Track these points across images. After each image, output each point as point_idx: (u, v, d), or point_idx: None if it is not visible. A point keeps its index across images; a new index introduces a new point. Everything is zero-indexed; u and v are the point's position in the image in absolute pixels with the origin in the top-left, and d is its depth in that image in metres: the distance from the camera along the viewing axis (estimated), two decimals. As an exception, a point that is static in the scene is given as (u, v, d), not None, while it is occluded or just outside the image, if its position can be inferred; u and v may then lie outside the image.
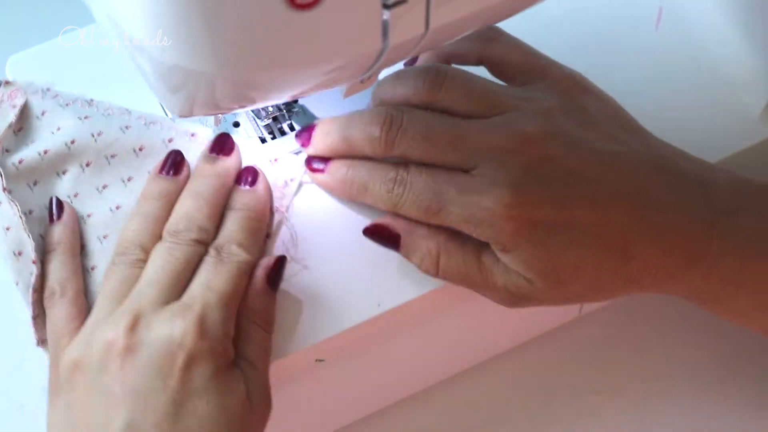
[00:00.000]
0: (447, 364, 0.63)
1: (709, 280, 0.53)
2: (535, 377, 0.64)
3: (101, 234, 0.56)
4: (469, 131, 0.52)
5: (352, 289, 0.55)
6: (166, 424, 0.47)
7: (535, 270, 0.51)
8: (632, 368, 0.64)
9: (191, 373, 0.48)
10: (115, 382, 0.48)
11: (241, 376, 0.50)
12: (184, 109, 0.46)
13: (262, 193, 0.56)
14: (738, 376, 0.63)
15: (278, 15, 0.39)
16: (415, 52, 0.45)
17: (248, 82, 0.43)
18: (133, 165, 0.58)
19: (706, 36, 0.63)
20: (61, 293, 0.53)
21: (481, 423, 0.63)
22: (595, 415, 0.62)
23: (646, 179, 0.52)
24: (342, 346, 0.55)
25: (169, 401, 0.48)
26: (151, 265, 0.52)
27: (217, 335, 0.50)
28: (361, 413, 0.62)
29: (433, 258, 0.53)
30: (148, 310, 0.50)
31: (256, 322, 0.52)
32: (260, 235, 0.55)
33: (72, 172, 0.57)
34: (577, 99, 0.54)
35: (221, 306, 0.50)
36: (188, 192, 0.55)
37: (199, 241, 0.53)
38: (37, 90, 0.60)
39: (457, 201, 0.51)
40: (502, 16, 0.48)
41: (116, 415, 0.48)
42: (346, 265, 0.55)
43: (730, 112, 0.61)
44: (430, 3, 0.42)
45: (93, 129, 0.58)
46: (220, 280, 0.51)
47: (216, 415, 0.48)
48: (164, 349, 0.49)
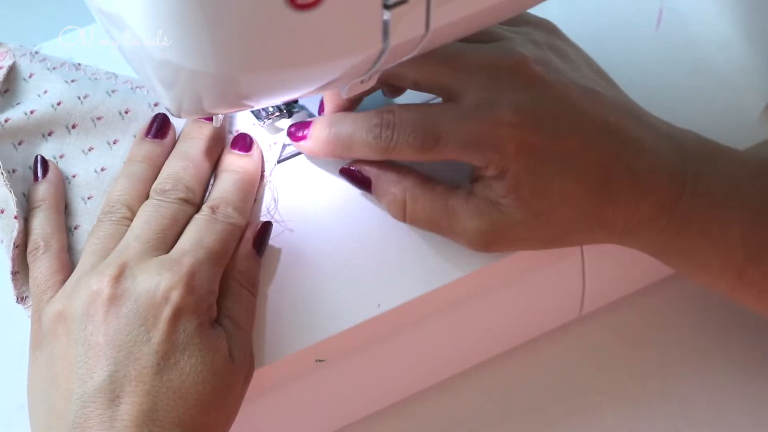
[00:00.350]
0: (447, 364, 0.63)
1: (679, 229, 0.53)
2: (535, 377, 0.64)
3: (85, 195, 0.57)
4: (466, 51, 0.52)
5: (352, 290, 0.55)
6: (148, 376, 0.48)
7: (520, 196, 0.51)
8: (632, 368, 0.64)
9: (176, 327, 0.48)
10: (98, 332, 0.48)
11: (223, 334, 0.50)
12: (184, 109, 0.46)
13: (256, 160, 0.56)
14: (738, 376, 0.63)
15: (279, 15, 0.39)
16: (415, 53, 0.45)
17: (249, 82, 0.43)
18: (119, 128, 0.58)
19: (706, 37, 0.63)
20: (44, 248, 0.54)
21: (481, 423, 0.63)
22: (595, 415, 0.62)
23: (625, 120, 0.53)
24: (342, 347, 0.55)
25: (152, 353, 0.48)
26: (138, 221, 0.53)
27: (204, 292, 0.50)
28: (361, 413, 0.62)
29: (399, 203, 0.54)
30: (134, 261, 0.50)
31: (243, 284, 0.53)
32: (251, 199, 0.56)
33: (58, 134, 0.58)
34: (557, 41, 0.55)
35: (211, 263, 0.51)
36: (176, 153, 0.56)
37: (186, 200, 0.54)
38: (26, 53, 0.60)
39: (453, 129, 0.51)
40: (503, 17, 0.48)
41: (98, 366, 0.48)
42: (346, 266, 0.55)
43: (730, 112, 0.61)
44: (431, 3, 0.42)
45: (80, 92, 0.58)
46: (212, 238, 0.52)
47: (198, 370, 0.48)
48: (150, 301, 0.49)
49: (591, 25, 0.64)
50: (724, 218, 0.53)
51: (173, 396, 0.48)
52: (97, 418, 0.47)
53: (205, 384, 0.48)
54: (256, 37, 0.40)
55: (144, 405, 0.47)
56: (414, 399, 0.63)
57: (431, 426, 0.63)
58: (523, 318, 0.63)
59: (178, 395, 0.48)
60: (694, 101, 0.62)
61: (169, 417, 0.47)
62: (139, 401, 0.47)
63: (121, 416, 0.47)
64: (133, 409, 0.47)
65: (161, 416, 0.47)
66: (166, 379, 0.48)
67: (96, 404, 0.47)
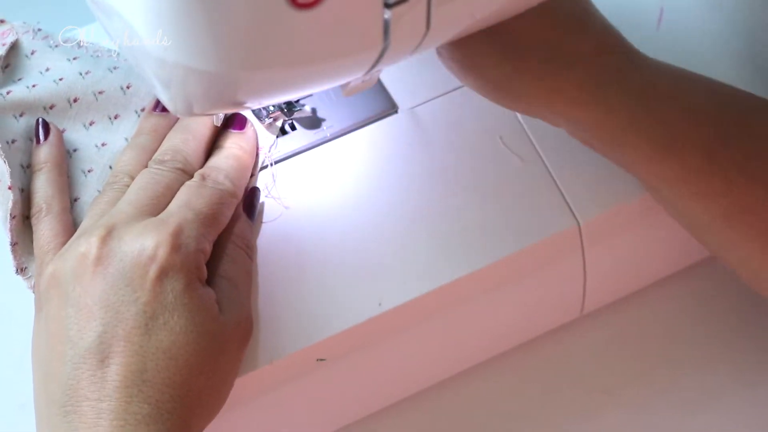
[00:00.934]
0: (448, 363, 0.63)
1: (622, 100, 0.51)
2: (537, 377, 0.64)
3: (85, 168, 0.57)
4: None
5: (353, 289, 0.55)
6: (136, 336, 0.48)
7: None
8: (634, 368, 0.64)
9: (163, 287, 0.48)
10: (86, 293, 0.48)
11: (213, 295, 0.50)
12: (185, 107, 0.46)
13: (251, 136, 0.57)
14: (740, 375, 0.63)
15: (280, 14, 0.39)
16: (416, 51, 0.45)
17: (249, 81, 0.43)
18: (120, 102, 0.58)
19: (707, 36, 0.63)
20: (47, 210, 0.54)
21: (481, 423, 0.63)
22: (595, 415, 0.62)
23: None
24: (343, 346, 0.55)
25: (139, 313, 0.48)
26: (133, 187, 0.53)
27: (190, 250, 0.50)
28: (362, 413, 0.62)
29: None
30: (123, 223, 0.50)
31: (238, 245, 0.53)
32: (246, 173, 0.56)
33: (59, 107, 0.58)
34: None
35: (199, 223, 0.51)
36: (178, 126, 0.56)
37: (184, 171, 0.54)
38: (29, 30, 0.60)
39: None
40: (503, 16, 0.48)
41: (88, 327, 0.48)
42: (347, 265, 0.55)
43: (731, 111, 0.61)
44: (431, 2, 0.42)
45: (81, 68, 0.59)
46: (200, 201, 0.52)
47: (187, 330, 0.48)
48: (135, 261, 0.49)
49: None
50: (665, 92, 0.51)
51: (163, 356, 0.47)
52: (88, 379, 0.47)
53: (195, 344, 0.48)
54: (256, 35, 0.40)
55: (133, 365, 0.47)
56: (415, 398, 0.63)
57: (432, 425, 0.63)
58: (524, 317, 0.63)
59: (168, 356, 0.48)
60: (695, 100, 0.62)
61: (159, 377, 0.47)
62: (128, 362, 0.47)
63: (111, 376, 0.47)
64: (123, 370, 0.47)
65: (151, 377, 0.47)
66: (155, 340, 0.48)
67: (86, 365, 0.47)
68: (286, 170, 0.59)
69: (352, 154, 0.59)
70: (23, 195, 0.55)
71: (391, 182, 0.58)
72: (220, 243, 0.52)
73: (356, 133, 0.60)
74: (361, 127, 0.60)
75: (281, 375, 0.54)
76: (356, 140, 0.60)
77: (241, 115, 0.57)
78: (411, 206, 0.57)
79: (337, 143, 0.60)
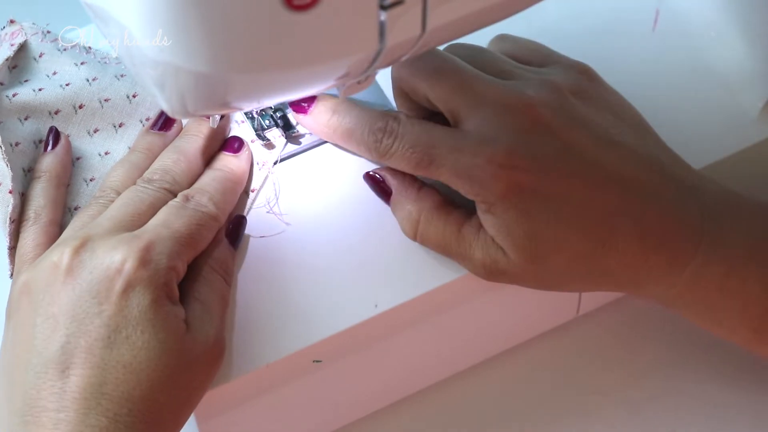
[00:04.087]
0: (444, 364, 0.63)
1: (692, 286, 0.52)
2: (533, 378, 0.64)
3: (88, 176, 0.57)
4: (479, 82, 0.52)
5: (350, 290, 0.55)
6: (98, 349, 0.47)
7: (513, 237, 0.50)
8: (629, 368, 0.64)
9: (128, 301, 0.48)
10: (54, 303, 0.48)
11: (182, 313, 0.50)
12: (180, 109, 0.46)
13: (244, 160, 0.57)
14: (737, 377, 0.63)
15: (275, 16, 0.39)
16: (412, 53, 0.45)
17: (244, 83, 0.43)
18: (126, 111, 0.58)
19: (704, 37, 0.63)
20: (34, 220, 0.54)
21: (480, 423, 0.63)
22: (594, 415, 0.62)
23: (642, 173, 0.52)
24: (339, 347, 0.55)
25: (103, 326, 0.48)
26: (116, 203, 0.53)
27: (160, 267, 0.49)
28: (358, 414, 0.62)
29: (412, 222, 0.54)
30: (98, 236, 0.50)
31: (215, 269, 0.53)
32: (233, 197, 0.56)
33: (64, 113, 0.58)
34: (585, 83, 0.54)
35: (172, 242, 0.50)
36: (171, 147, 0.56)
37: (170, 191, 0.54)
38: (38, 31, 0.60)
39: (449, 156, 0.50)
40: (499, 17, 0.48)
41: (52, 337, 0.48)
42: (343, 266, 0.55)
43: (728, 113, 0.61)
44: (427, 4, 0.42)
45: (88, 74, 0.59)
46: (178, 221, 0.52)
47: (150, 346, 0.48)
48: (104, 274, 0.49)
49: (588, 25, 0.65)
50: (740, 276, 0.52)
51: (123, 371, 0.47)
52: (49, 389, 0.47)
53: (157, 360, 0.48)
54: (252, 37, 0.40)
55: (93, 378, 0.47)
56: (411, 399, 0.63)
57: (429, 426, 0.63)
58: (520, 319, 0.63)
59: (129, 370, 0.47)
60: (691, 102, 0.62)
61: (118, 391, 0.47)
62: (88, 374, 0.47)
63: (70, 388, 0.47)
64: (82, 381, 0.47)
65: (110, 390, 0.47)
66: (116, 353, 0.48)
67: (48, 375, 0.47)
68: (282, 172, 0.59)
69: (348, 156, 0.59)
70: (23, 200, 0.55)
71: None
72: (197, 265, 0.52)
73: (353, 135, 0.60)
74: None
75: (277, 377, 0.54)
76: (353, 141, 0.59)
77: (238, 138, 0.57)
78: (407, 207, 0.57)
79: (333, 145, 0.59)
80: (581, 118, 0.52)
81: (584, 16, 0.65)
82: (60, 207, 0.56)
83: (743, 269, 0.52)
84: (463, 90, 0.51)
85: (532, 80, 0.53)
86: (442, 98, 0.52)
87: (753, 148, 0.60)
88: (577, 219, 0.50)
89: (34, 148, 0.57)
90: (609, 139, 0.52)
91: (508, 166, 0.49)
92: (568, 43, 0.63)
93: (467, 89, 0.51)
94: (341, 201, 0.57)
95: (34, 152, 0.56)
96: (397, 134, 0.52)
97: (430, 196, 0.54)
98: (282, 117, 0.59)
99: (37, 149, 0.57)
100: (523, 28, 0.60)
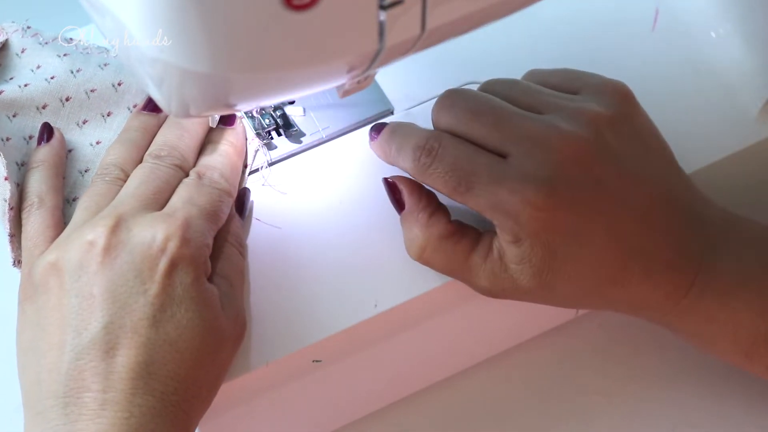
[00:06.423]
0: (444, 364, 0.63)
1: (685, 317, 0.53)
2: (534, 377, 0.64)
3: (82, 168, 0.57)
4: (513, 115, 0.52)
5: (350, 290, 0.55)
6: (144, 328, 0.47)
7: (534, 269, 0.51)
8: (629, 369, 0.64)
9: (172, 279, 0.48)
10: (93, 283, 0.48)
11: (216, 291, 0.50)
12: (180, 109, 0.46)
13: (241, 132, 0.57)
14: (737, 377, 0.63)
15: (275, 15, 0.39)
16: (412, 53, 0.45)
17: (243, 83, 0.43)
18: (113, 100, 0.58)
19: (703, 37, 0.63)
20: (38, 204, 0.54)
21: (480, 423, 0.63)
22: (594, 415, 0.62)
23: (660, 210, 0.53)
24: (339, 347, 0.55)
25: (148, 305, 0.48)
26: (134, 180, 0.53)
27: (199, 244, 0.50)
28: (357, 414, 0.63)
29: (418, 247, 0.54)
30: (130, 215, 0.50)
31: (233, 244, 0.53)
32: (237, 171, 0.56)
33: (52, 107, 0.58)
34: (619, 111, 0.54)
35: (203, 219, 0.51)
36: (171, 122, 0.56)
37: (180, 167, 0.54)
38: (18, 28, 0.60)
39: (488, 189, 0.51)
40: (498, 17, 0.48)
41: (93, 317, 0.48)
42: (343, 266, 0.55)
43: (727, 113, 0.61)
44: (427, 4, 0.42)
45: (72, 66, 0.59)
46: (202, 198, 0.52)
47: (194, 324, 0.48)
48: (146, 252, 0.49)
49: (587, 26, 0.65)
50: (731, 307, 0.53)
51: (169, 349, 0.48)
52: (91, 370, 0.47)
53: (200, 338, 0.48)
54: (251, 37, 0.40)
55: (140, 357, 0.47)
56: (411, 399, 0.63)
57: (429, 426, 0.63)
58: (520, 319, 0.63)
59: (174, 348, 0.48)
60: (690, 102, 0.62)
61: (164, 370, 0.47)
62: (135, 353, 0.47)
63: (116, 368, 0.47)
64: (129, 361, 0.47)
65: (157, 369, 0.47)
66: (162, 332, 0.48)
67: (90, 356, 0.47)
68: (282, 172, 0.59)
69: (347, 156, 0.59)
70: (18, 190, 0.55)
71: (388, 183, 0.58)
72: (216, 242, 0.53)
73: (352, 135, 0.60)
74: (356, 129, 0.60)
75: (277, 376, 0.54)
76: (352, 142, 0.60)
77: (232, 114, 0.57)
78: (407, 207, 0.57)
79: (333, 145, 0.60)
80: (612, 152, 0.52)
81: (583, 15, 0.65)
82: (61, 194, 0.55)
83: (735, 300, 0.53)
84: (501, 127, 0.52)
85: (567, 111, 0.53)
86: (482, 137, 0.52)
87: (752, 148, 0.60)
88: (595, 259, 0.51)
89: (25, 143, 0.57)
90: (635, 176, 0.53)
91: (545, 209, 0.50)
92: (566, 44, 0.63)
93: (504, 126, 0.52)
94: (341, 201, 0.57)
95: (25, 147, 0.57)
96: (437, 154, 0.52)
97: (440, 224, 0.54)
98: (282, 116, 0.59)
99: (28, 145, 0.57)
100: (520, 27, 0.60)
